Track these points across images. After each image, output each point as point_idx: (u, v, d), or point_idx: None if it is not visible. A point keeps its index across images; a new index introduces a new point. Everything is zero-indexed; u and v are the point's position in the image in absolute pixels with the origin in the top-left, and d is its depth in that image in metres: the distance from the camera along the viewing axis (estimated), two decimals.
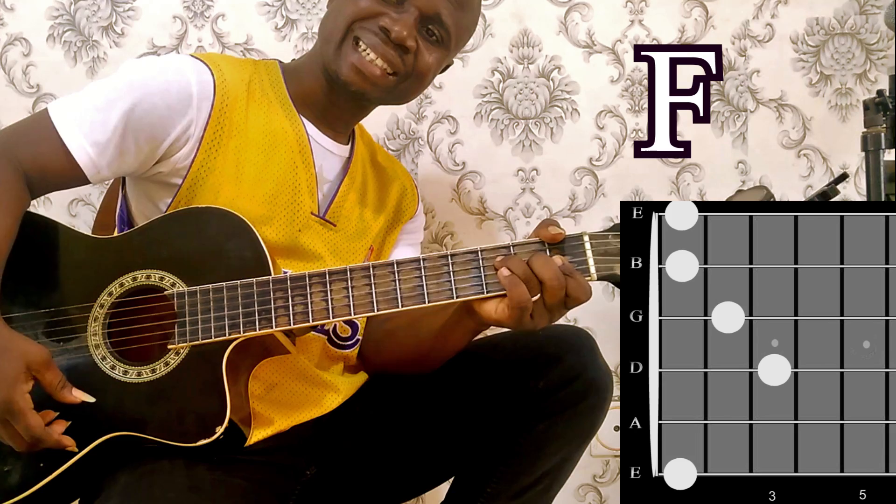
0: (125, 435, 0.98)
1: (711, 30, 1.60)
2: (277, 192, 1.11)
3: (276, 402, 1.12)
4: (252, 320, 0.99)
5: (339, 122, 1.20)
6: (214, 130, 1.08)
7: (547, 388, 1.10)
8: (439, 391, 1.16)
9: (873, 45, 1.61)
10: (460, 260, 0.99)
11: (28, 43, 1.60)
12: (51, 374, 0.94)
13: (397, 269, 1.00)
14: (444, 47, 1.15)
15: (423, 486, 1.24)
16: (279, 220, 1.11)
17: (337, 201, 1.18)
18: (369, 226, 1.23)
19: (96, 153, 1.03)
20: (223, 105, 1.09)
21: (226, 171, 1.09)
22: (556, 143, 1.61)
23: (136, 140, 1.05)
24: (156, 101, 1.05)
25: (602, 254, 0.98)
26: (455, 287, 0.99)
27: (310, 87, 1.17)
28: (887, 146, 1.22)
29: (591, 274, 0.97)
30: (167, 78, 1.07)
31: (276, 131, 1.13)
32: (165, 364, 1.00)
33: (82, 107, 1.05)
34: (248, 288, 1.00)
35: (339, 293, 1.00)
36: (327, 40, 1.13)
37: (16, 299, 1.01)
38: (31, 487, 0.97)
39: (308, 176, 1.15)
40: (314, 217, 1.15)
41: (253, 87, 1.13)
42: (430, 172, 1.61)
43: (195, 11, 1.60)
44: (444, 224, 1.62)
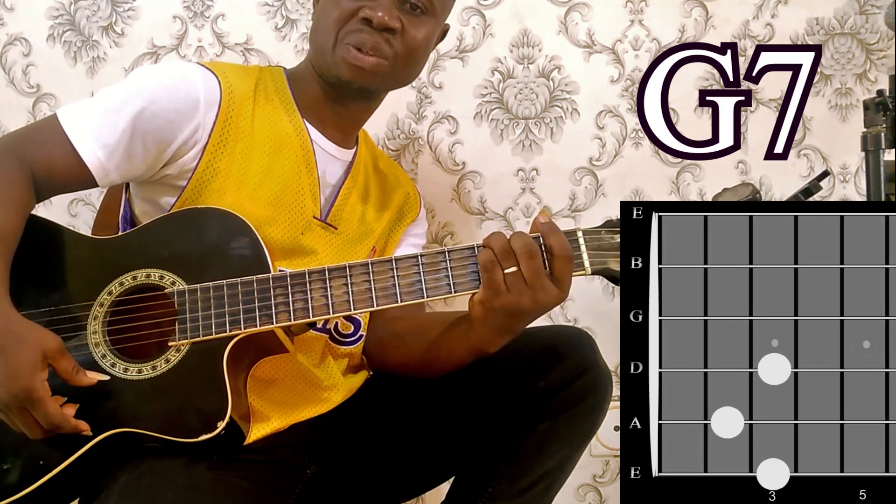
0: (126, 432, 0.98)
1: (711, 30, 1.60)
2: (281, 195, 1.12)
3: (273, 400, 1.13)
4: (252, 316, 1.00)
5: (347, 123, 1.22)
6: (220, 134, 1.09)
7: (548, 389, 1.10)
8: (440, 391, 1.16)
9: (873, 45, 1.61)
10: (457, 256, 1.01)
11: (28, 43, 1.60)
12: (65, 361, 0.95)
13: (396, 266, 1.01)
14: (431, 15, 1.16)
15: (424, 486, 1.24)
16: (282, 223, 1.12)
17: (338, 204, 1.19)
18: (371, 228, 1.24)
19: (105, 155, 1.05)
20: (229, 110, 1.10)
21: (231, 173, 1.10)
22: (556, 143, 1.61)
23: (144, 143, 1.06)
24: (164, 106, 1.06)
25: (596, 248, 1.00)
26: (453, 282, 1.00)
27: (314, 93, 1.19)
28: (887, 146, 1.22)
29: (585, 268, 0.99)
30: (175, 83, 1.08)
31: (281, 136, 1.14)
32: (166, 361, 1.00)
33: (91, 111, 1.06)
34: (248, 285, 1.01)
35: (339, 289, 1.01)
36: (321, 50, 1.15)
37: (17, 299, 1.01)
38: (31, 485, 0.97)
39: (311, 180, 1.16)
40: (316, 220, 1.16)
41: (259, 93, 1.15)
42: (430, 172, 1.61)
43: (195, 11, 1.60)
44: (444, 224, 1.62)
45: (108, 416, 0.98)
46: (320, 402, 1.17)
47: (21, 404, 0.92)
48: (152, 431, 0.98)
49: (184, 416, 0.98)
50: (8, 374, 0.91)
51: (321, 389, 1.17)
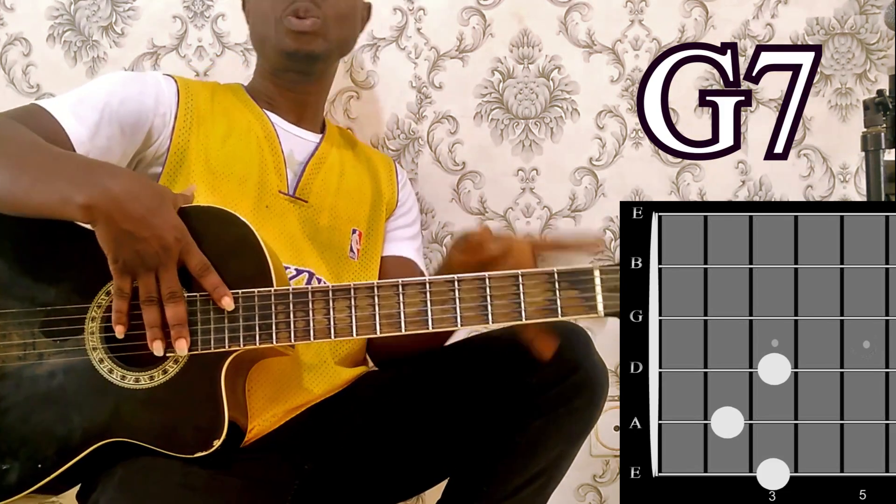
0: (122, 441, 0.98)
1: (711, 30, 1.60)
2: (247, 174, 1.19)
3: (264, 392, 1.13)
4: (252, 334, 0.98)
5: (304, 108, 1.31)
6: (184, 118, 1.19)
7: (541, 384, 1.09)
8: (434, 389, 1.16)
9: (873, 45, 1.61)
10: (467, 287, 0.97)
11: (28, 43, 1.60)
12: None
13: (402, 291, 0.98)
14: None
15: (420, 486, 1.24)
16: (248, 198, 1.17)
17: (305, 178, 1.25)
18: (348, 205, 1.29)
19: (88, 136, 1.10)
20: (188, 100, 1.21)
21: (199, 155, 1.17)
22: (556, 143, 1.61)
23: (121, 127, 1.13)
24: (131, 93, 1.16)
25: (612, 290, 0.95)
26: (460, 315, 0.97)
27: (267, 89, 1.30)
28: (887, 146, 1.22)
29: (598, 311, 0.95)
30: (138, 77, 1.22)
31: (241, 121, 1.24)
32: (164, 372, 0.99)
33: (68, 99, 1.13)
34: (249, 300, 0.99)
35: (342, 311, 0.98)
36: (263, 39, 1.28)
37: (12, 294, 1.01)
38: (30, 488, 0.97)
39: (275, 158, 1.23)
40: (283, 195, 1.21)
41: (216, 93, 1.28)
42: (430, 172, 1.61)
43: (195, 11, 1.60)
44: (444, 224, 1.62)
45: (105, 424, 0.98)
46: (311, 392, 1.17)
47: (173, 255, 0.95)
48: (148, 444, 0.97)
49: (180, 432, 0.97)
50: (162, 223, 0.94)
51: (312, 379, 1.17)
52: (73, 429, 0.98)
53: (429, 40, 1.60)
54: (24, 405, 0.99)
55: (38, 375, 1.00)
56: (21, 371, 1.00)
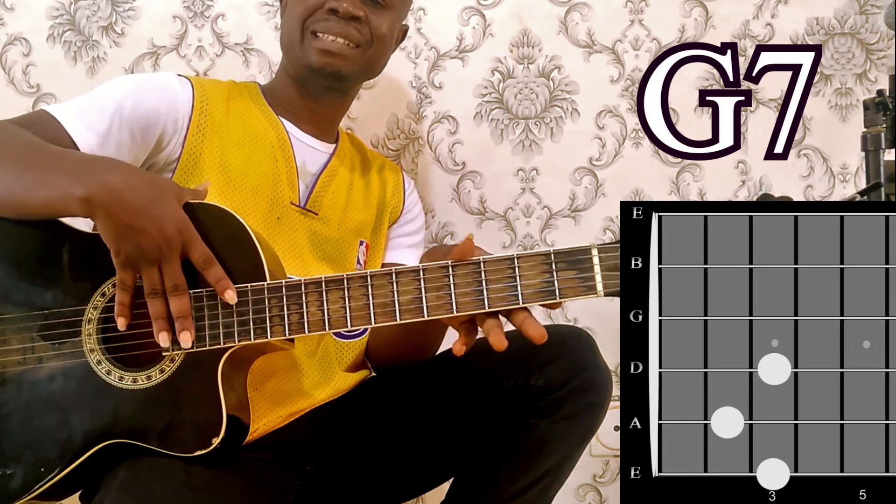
0: (123, 442, 0.98)
1: (711, 30, 1.60)
2: (259, 184, 1.17)
3: (268, 394, 1.13)
4: (247, 329, 0.97)
5: (322, 119, 1.28)
6: (198, 124, 1.15)
7: (546, 387, 1.09)
8: (439, 390, 1.16)
9: (873, 45, 1.61)
10: (461, 272, 0.95)
11: (28, 43, 1.60)
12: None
13: (396, 280, 0.96)
14: (391, 9, 1.24)
15: (423, 486, 1.24)
16: (260, 209, 1.16)
17: (317, 190, 1.24)
18: (357, 217, 1.28)
19: (97, 143, 1.07)
20: (203, 104, 1.17)
21: (213, 162, 1.14)
22: (556, 143, 1.61)
23: (131, 132, 1.11)
24: (144, 97, 1.13)
25: (612, 269, 0.92)
26: (455, 301, 0.94)
27: (287, 94, 1.26)
28: (887, 146, 1.22)
29: (597, 291, 0.92)
30: (152, 80, 1.18)
31: (256, 128, 1.21)
32: (161, 371, 0.98)
33: (77, 105, 1.11)
34: (243, 295, 0.98)
35: (336, 303, 0.97)
36: (290, 45, 1.24)
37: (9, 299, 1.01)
38: (33, 492, 0.97)
39: (288, 168, 1.21)
40: (294, 206, 1.20)
41: (232, 95, 1.23)
42: (430, 172, 1.61)
43: (195, 11, 1.60)
44: (444, 224, 1.62)
45: (105, 425, 0.98)
46: (315, 396, 1.17)
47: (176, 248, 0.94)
48: (148, 444, 0.97)
49: (179, 431, 0.97)
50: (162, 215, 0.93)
51: (317, 384, 1.17)
52: (74, 431, 0.98)
53: (429, 40, 1.60)
54: (25, 410, 0.99)
55: (38, 379, 1.00)
56: (21, 376, 1.00)
